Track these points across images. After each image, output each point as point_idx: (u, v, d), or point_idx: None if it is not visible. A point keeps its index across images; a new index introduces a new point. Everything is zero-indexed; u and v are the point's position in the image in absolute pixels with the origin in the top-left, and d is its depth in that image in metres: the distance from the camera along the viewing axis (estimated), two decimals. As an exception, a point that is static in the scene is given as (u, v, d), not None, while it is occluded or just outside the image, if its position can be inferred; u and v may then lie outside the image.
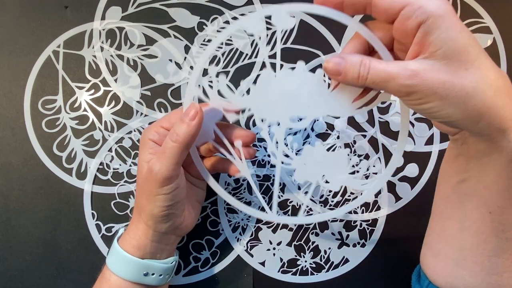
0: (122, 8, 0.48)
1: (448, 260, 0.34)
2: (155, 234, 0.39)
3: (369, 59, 0.30)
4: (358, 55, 0.30)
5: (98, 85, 0.48)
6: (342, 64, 0.30)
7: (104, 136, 0.48)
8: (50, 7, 0.48)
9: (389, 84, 0.28)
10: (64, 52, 0.48)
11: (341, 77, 0.31)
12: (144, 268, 0.39)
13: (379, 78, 0.29)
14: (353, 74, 0.30)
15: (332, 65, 0.30)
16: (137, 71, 0.48)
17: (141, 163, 0.38)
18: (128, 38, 0.48)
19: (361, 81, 0.30)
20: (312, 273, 0.49)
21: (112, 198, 0.48)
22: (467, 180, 0.33)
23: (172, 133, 0.35)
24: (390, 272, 0.49)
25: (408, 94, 0.28)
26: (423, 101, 0.28)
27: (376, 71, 0.29)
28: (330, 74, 0.31)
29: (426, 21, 0.27)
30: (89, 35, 0.48)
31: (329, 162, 0.36)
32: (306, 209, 0.47)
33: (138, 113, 0.48)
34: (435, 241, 0.37)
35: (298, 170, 0.36)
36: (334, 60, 0.30)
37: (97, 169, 0.48)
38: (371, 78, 0.29)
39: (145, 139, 0.38)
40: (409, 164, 0.49)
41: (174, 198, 0.36)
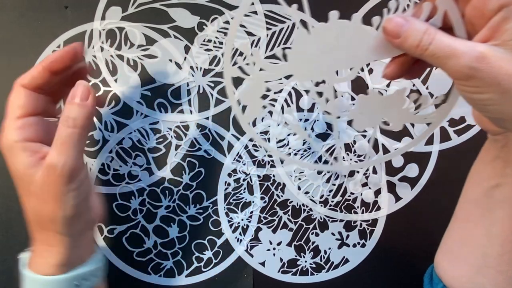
0: (122, 8, 0.48)
1: (469, 266, 0.33)
2: (73, 239, 0.34)
3: (435, 30, 0.27)
4: (422, 22, 0.28)
5: (98, 85, 0.48)
6: (405, 27, 0.27)
7: (104, 136, 0.48)
8: (50, 7, 0.47)
9: (450, 61, 0.26)
10: None
11: (399, 40, 0.28)
12: (75, 279, 0.35)
13: (441, 52, 0.26)
14: (413, 41, 0.27)
15: (393, 26, 0.28)
16: (137, 71, 0.48)
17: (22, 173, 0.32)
18: (128, 38, 0.48)
19: (419, 51, 0.27)
20: (312, 273, 0.49)
21: (113, 200, 0.48)
22: (502, 186, 0.31)
23: (66, 119, 0.31)
24: (390, 272, 0.50)
25: (467, 77, 0.26)
26: (481, 90, 0.26)
27: (440, 44, 0.26)
28: (387, 35, 0.29)
29: (509, 4, 0.24)
30: (89, 35, 0.48)
31: (387, 105, 0.34)
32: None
33: (138, 113, 0.48)
34: (456, 245, 0.35)
35: (356, 120, 0.35)
36: (396, 20, 0.28)
37: (98, 170, 0.48)
38: (432, 50, 0.26)
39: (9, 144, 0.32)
40: (409, 164, 0.49)
41: (85, 190, 0.33)
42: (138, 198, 0.48)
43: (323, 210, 0.49)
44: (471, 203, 0.35)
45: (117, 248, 0.48)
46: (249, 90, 0.35)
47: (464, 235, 0.35)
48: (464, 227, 0.35)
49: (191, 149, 0.49)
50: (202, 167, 0.49)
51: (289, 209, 0.49)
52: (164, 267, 0.49)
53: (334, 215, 0.49)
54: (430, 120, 0.34)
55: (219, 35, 0.48)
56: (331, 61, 0.32)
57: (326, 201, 0.49)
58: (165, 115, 0.48)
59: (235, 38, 0.34)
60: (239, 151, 0.49)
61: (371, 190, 0.49)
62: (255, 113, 0.36)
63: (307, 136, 0.39)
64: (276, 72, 0.34)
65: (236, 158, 0.49)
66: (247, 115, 0.35)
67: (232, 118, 0.49)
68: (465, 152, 0.49)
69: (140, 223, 0.48)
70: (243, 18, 0.48)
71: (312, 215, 0.49)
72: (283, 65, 0.33)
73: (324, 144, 0.49)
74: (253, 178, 0.49)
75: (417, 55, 0.28)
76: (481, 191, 0.33)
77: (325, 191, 0.49)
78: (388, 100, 0.34)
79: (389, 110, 0.34)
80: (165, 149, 0.48)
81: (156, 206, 0.48)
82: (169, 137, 0.48)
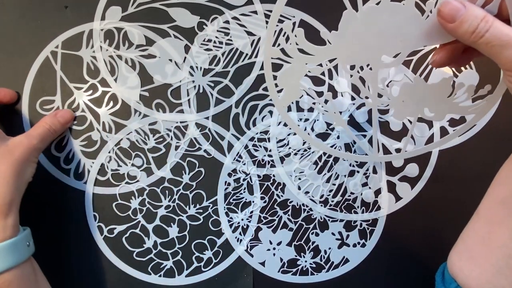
0: (122, 8, 0.48)
1: (489, 267, 0.32)
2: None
3: (493, 18, 0.26)
4: (480, 8, 0.27)
5: (96, 85, 0.48)
6: (462, 11, 0.27)
7: (102, 137, 0.48)
8: (49, 7, 0.47)
9: (506, 51, 0.25)
10: (62, 52, 0.48)
11: (454, 25, 0.27)
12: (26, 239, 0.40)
13: (497, 40, 0.26)
14: (469, 27, 0.26)
15: (449, 9, 0.27)
16: (137, 71, 0.48)
17: None
18: (128, 38, 0.48)
19: (474, 38, 0.26)
20: (312, 273, 0.49)
21: (113, 200, 0.48)
22: None
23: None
24: (390, 272, 0.50)
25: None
26: None
27: (498, 32, 0.26)
28: (442, 18, 0.28)
29: None
30: (87, 35, 0.48)
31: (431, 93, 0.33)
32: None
33: (137, 113, 0.48)
34: (476, 244, 0.34)
35: (397, 109, 0.34)
36: (454, 4, 0.27)
37: (97, 171, 0.48)
38: (488, 37, 0.26)
39: None
40: (409, 164, 0.49)
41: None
42: (138, 198, 0.48)
43: (323, 210, 0.49)
44: (498, 203, 0.34)
45: (117, 248, 0.48)
46: (289, 72, 0.33)
47: (486, 235, 0.34)
48: (487, 227, 0.34)
49: (191, 149, 0.49)
50: (202, 167, 0.49)
51: (289, 209, 0.49)
52: (164, 267, 0.49)
53: (334, 215, 0.49)
54: (474, 111, 0.33)
55: (219, 35, 0.48)
56: (378, 45, 0.31)
57: (326, 201, 0.49)
58: (164, 115, 0.48)
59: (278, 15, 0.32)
60: (239, 151, 0.49)
61: (371, 190, 0.49)
62: (292, 96, 0.34)
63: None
64: (319, 55, 0.32)
65: (236, 158, 0.49)
66: (283, 99, 0.34)
67: (232, 118, 0.49)
68: (465, 152, 0.49)
69: (140, 223, 0.48)
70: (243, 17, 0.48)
71: (312, 215, 0.49)
72: (328, 47, 0.31)
73: (324, 144, 0.49)
74: (253, 178, 0.49)
75: (469, 42, 0.27)
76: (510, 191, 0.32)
77: (325, 191, 0.49)
78: (433, 88, 0.33)
79: (432, 99, 0.33)
80: (165, 149, 0.48)
81: (156, 206, 0.48)
82: (168, 137, 0.48)
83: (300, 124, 0.49)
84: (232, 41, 0.48)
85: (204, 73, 0.48)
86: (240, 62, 0.48)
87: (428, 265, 0.42)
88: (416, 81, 0.33)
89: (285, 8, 0.48)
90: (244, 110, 0.49)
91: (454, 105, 0.33)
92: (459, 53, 0.31)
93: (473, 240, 0.35)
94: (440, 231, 0.49)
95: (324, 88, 0.48)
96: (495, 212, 0.34)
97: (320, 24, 0.48)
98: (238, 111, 0.49)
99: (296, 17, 0.48)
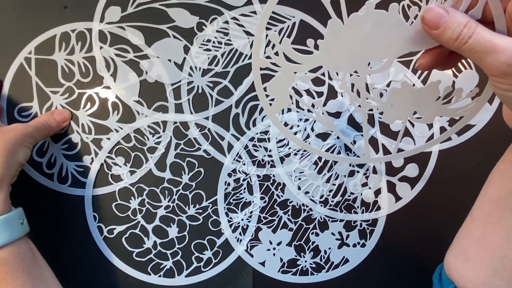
0: (122, 8, 0.48)
1: (484, 268, 0.32)
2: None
3: (476, 23, 0.26)
4: (463, 14, 0.27)
5: (72, 88, 0.48)
6: (445, 18, 0.27)
7: (82, 138, 0.48)
8: (49, 7, 0.47)
9: (489, 57, 0.25)
10: (36, 58, 0.47)
11: (438, 32, 0.27)
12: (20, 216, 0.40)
13: (480, 47, 0.25)
14: (453, 34, 0.26)
15: (432, 16, 0.27)
16: (136, 71, 0.48)
17: None
18: (127, 38, 0.48)
19: (457, 44, 0.26)
20: (312, 273, 0.49)
21: (113, 200, 0.48)
22: None
23: None
24: (390, 272, 0.50)
25: (505, 75, 0.25)
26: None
27: (481, 38, 0.25)
28: (426, 25, 0.28)
29: None
30: (59, 39, 0.47)
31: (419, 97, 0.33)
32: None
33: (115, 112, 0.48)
34: (471, 245, 0.34)
35: (386, 112, 0.34)
36: (437, 11, 0.27)
37: (97, 171, 0.48)
38: (471, 44, 0.26)
39: None
40: (409, 164, 0.49)
41: None
42: (138, 198, 0.48)
43: (323, 210, 0.49)
44: (491, 204, 0.34)
45: (116, 248, 0.48)
46: (278, 81, 0.34)
47: (481, 236, 0.34)
48: (482, 228, 0.34)
49: (191, 149, 0.49)
50: (201, 167, 0.49)
51: (289, 209, 0.49)
52: (163, 267, 0.49)
53: (334, 215, 0.49)
54: (463, 113, 0.34)
55: (218, 35, 0.48)
56: (364, 52, 0.31)
57: (326, 201, 0.49)
58: (164, 115, 0.48)
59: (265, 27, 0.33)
60: (239, 151, 0.49)
61: (371, 190, 0.49)
62: (282, 104, 0.35)
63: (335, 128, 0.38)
64: (307, 63, 0.32)
65: (236, 158, 0.49)
66: (274, 107, 0.35)
67: (232, 118, 0.49)
68: (465, 152, 0.49)
69: (140, 223, 0.48)
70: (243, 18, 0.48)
71: (312, 215, 0.49)
72: (314, 56, 0.32)
73: (324, 144, 0.49)
74: (253, 178, 0.49)
75: (454, 48, 0.27)
76: (503, 191, 0.32)
77: (325, 191, 0.49)
78: (421, 92, 0.33)
79: (421, 102, 0.33)
80: (165, 149, 0.48)
81: (155, 206, 0.48)
82: (168, 137, 0.48)
83: (300, 124, 0.49)
84: (231, 42, 0.48)
85: (204, 73, 0.48)
86: (239, 62, 0.48)
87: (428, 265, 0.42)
88: (404, 86, 0.33)
89: (285, 8, 0.48)
90: (244, 110, 0.49)
91: (442, 108, 0.34)
92: (444, 56, 0.31)
93: (468, 241, 0.35)
94: (440, 231, 0.49)
95: (324, 88, 0.48)
96: (489, 213, 0.33)
97: (320, 24, 0.48)
98: (238, 111, 0.49)
99: (296, 17, 0.48)
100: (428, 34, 0.28)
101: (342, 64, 0.32)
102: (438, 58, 0.31)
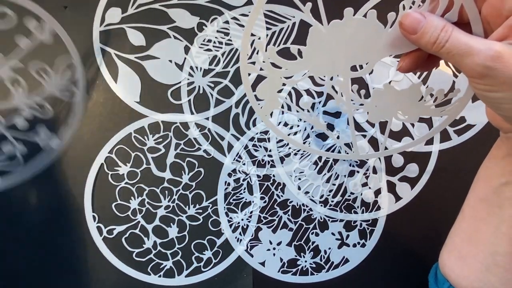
0: (122, 9, 0.48)
1: (477, 264, 0.33)
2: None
3: (452, 27, 0.26)
4: (440, 18, 0.27)
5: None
6: (422, 23, 0.27)
7: None
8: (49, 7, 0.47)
9: (466, 59, 0.26)
10: None
11: (415, 36, 0.28)
12: None
13: (457, 50, 0.26)
14: (430, 38, 0.27)
15: (409, 21, 0.27)
16: (137, 72, 0.48)
17: None
18: (128, 39, 0.48)
19: (435, 48, 0.27)
20: (312, 273, 0.49)
21: (113, 200, 0.48)
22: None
23: None
24: (390, 272, 0.49)
25: (482, 76, 0.26)
26: (495, 88, 0.26)
27: (457, 41, 0.26)
28: (404, 30, 0.28)
29: None
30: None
31: (402, 98, 0.35)
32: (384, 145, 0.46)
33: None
34: (463, 243, 0.35)
35: (371, 112, 0.36)
36: (414, 16, 0.27)
37: (97, 171, 0.48)
38: (448, 47, 0.26)
39: None
40: (409, 164, 0.49)
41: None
42: (138, 198, 0.48)
43: (323, 210, 0.49)
44: (480, 201, 0.34)
45: (116, 249, 0.48)
46: (266, 86, 0.35)
47: (472, 233, 0.34)
48: (472, 225, 0.34)
49: (191, 149, 0.49)
50: (201, 167, 0.49)
51: (289, 209, 0.49)
52: (163, 267, 0.49)
53: (334, 215, 0.49)
54: (446, 113, 0.35)
55: (218, 35, 0.48)
56: (346, 56, 0.32)
57: (326, 201, 0.49)
58: (164, 115, 0.48)
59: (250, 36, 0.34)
60: (239, 151, 0.49)
61: (371, 190, 0.49)
62: (272, 106, 0.37)
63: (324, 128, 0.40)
64: (291, 68, 0.34)
65: (236, 158, 0.49)
66: (265, 109, 0.36)
67: (232, 118, 0.49)
68: (465, 152, 0.49)
69: (140, 223, 0.48)
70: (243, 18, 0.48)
71: (312, 215, 0.49)
72: (298, 61, 0.33)
73: (324, 144, 0.49)
74: (253, 178, 0.49)
75: (432, 51, 0.28)
76: (491, 188, 0.33)
77: (325, 191, 0.49)
78: (403, 93, 0.35)
79: (404, 103, 0.35)
80: (165, 149, 0.48)
81: (155, 206, 0.49)
82: (168, 137, 0.48)
83: (300, 124, 0.49)
84: (231, 42, 0.48)
85: (204, 73, 0.48)
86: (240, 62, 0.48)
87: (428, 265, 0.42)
88: (386, 88, 0.35)
89: (285, 8, 0.48)
90: (244, 110, 0.49)
91: (425, 108, 0.35)
92: (424, 58, 0.32)
93: (461, 239, 0.35)
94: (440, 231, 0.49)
95: (324, 88, 0.48)
96: (478, 210, 0.34)
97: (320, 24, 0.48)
98: (238, 111, 0.49)
99: (296, 17, 0.48)
100: (407, 39, 0.29)
101: (325, 68, 0.33)
102: (418, 60, 0.32)
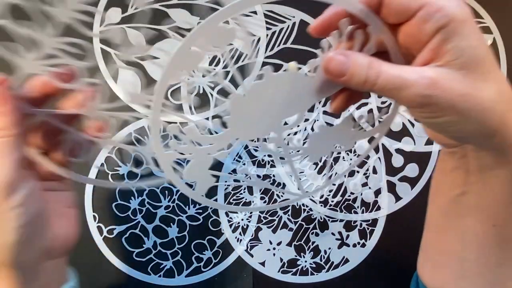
0: (122, 9, 0.48)
1: (449, 272, 0.33)
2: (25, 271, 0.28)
3: (378, 62, 0.25)
4: (363, 55, 0.26)
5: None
6: (347, 64, 0.25)
7: None
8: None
9: (402, 92, 0.24)
10: None
11: (345, 78, 0.26)
12: None
13: (390, 85, 0.25)
14: (359, 78, 0.25)
15: (334, 65, 0.26)
16: (137, 72, 0.48)
17: None
18: (128, 39, 0.48)
19: (367, 86, 0.25)
20: (312, 273, 0.49)
21: (113, 200, 0.48)
22: (467, 193, 0.31)
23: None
24: (390, 272, 0.49)
25: (422, 105, 0.25)
26: (438, 114, 0.25)
27: (389, 76, 0.25)
28: (331, 75, 0.27)
29: (446, 26, 0.23)
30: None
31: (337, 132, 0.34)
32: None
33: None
34: (433, 253, 0.35)
35: (310, 156, 0.35)
36: (337, 59, 0.26)
37: (97, 171, 0.48)
38: (381, 83, 0.25)
39: None
40: (409, 164, 0.49)
41: (29, 209, 0.27)
42: (138, 198, 0.48)
43: (323, 210, 0.49)
44: (440, 212, 0.34)
45: (116, 249, 0.48)
46: (195, 168, 0.32)
47: (438, 243, 0.34)
48: (437, 236, 0.34)
49: (191, 149, 0.49)
50: (202, 167, 0.49)
51: (289, 209, 0.49)
52: (164, 267, 0.49)
53: (334, 215, 0.49)
54: (377, 131, 0.35)
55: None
56: (274, 115, 0.31)
57: (326, 201, 0.49)
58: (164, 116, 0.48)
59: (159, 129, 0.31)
60: (239, 151, 0.49)
61: (371, 190, 0.49)
62: (207, 185, 0.33)
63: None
64: (218, 142, 0.32)
65: (236, 158, 0.49)
66: (199, 190, 0.33)
67: (231, 118, 0.49)
68: (465, 152, 0.49)
69: (140, 223, 0.48)
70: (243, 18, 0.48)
71: (312, 215, 0.49)
72: (226, 132, 0.31)
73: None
74: (253, 178, 0.49)
75: (365, 90, 0.26)
76: (448, 199, 0.32)
77: (325, 191, 0.49)
78: (337, 129, 0.34)
79: (339, 136, 0.34)
80: (165, 149, 0.48)
81: (155, 206, 0.49)
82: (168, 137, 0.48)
83: (300, 124, 0.49)
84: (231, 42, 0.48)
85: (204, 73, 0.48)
86: (240, 62, 0.48)
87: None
88: (322, 130, 0.34)
89: (285, 8, 0.48)
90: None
91: (359, 133, 0.35)
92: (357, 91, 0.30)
93: (430, 249, 0.35)
94: (440, 231, 0.49)
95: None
96: (440, 221, 0.34)
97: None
98: (238, 111, 0.49)
99: (296, 17, 0.48)
100: (336, 82, 0.27)
101: (255, 132, 0.32)
102: (350, 95, 0.30)
